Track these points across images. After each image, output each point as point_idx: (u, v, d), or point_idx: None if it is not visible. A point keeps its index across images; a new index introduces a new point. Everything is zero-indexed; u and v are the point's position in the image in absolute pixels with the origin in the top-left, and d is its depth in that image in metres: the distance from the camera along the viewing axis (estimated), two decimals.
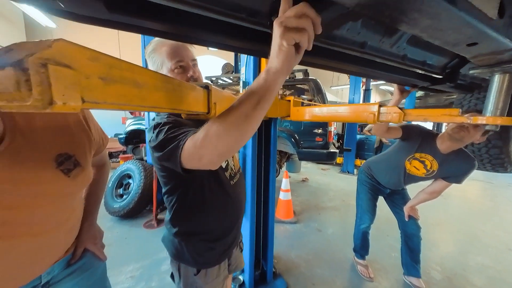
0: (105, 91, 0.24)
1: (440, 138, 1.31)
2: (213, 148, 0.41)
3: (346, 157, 5.18)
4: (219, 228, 0.75)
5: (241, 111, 0.38)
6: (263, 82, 0.37)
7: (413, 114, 0.78)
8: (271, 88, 0.37)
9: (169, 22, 0.50)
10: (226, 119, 0.39)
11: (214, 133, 0.40)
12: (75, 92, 0.20)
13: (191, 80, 0.68)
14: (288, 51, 0.34)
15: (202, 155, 0.43)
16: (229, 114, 0.39)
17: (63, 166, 0.51)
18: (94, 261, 0.68)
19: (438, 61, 0.93)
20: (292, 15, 0.32)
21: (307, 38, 0.33)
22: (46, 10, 0.44)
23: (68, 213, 0.58)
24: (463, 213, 3.06)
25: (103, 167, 0.82)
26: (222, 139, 0.39)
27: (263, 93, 0.37)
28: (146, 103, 0.31)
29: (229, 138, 0.39)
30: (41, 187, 0.48)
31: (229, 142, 0.40)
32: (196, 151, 0.44)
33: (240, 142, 0.41)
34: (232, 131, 0.39)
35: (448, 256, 2.03)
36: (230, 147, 0.41)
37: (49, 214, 0.51)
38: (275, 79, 0.37)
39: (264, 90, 0.37)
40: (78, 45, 0.21)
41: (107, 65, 0.24)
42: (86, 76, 0.22)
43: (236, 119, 0.38)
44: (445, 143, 1.27)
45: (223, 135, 0.39)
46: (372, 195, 1.66)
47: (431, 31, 0.41)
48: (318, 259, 1.91)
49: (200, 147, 0.43)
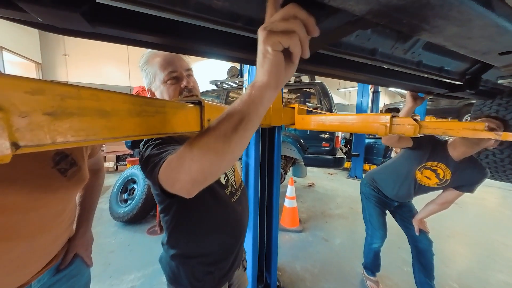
0: (54, 128, 0.19)
1: (451, 145, 1.23)
2: (186, 173, 0.34)
3: (354, 161, 5.02)
4: (218, 250, 0.69)
5: (219, 132, 0.31)
6: (246, 98, 0.31)
7: (430, 127, 0.71)
8: (256, 105, 0.31)
9: (160, 33, 0.46)
10: (201, 140, 0.32)
11: (187, 155, 0.34)
12: (2, 139, 0.16)
13: (185, 91, 0.64)
14: (274, 58, 0.28)
15: (174, 179, 0.37)
16: (205, 135, 0.32)
17: (60, 166, 0.51)
18: (82, 267, 0.68)
19: (457, 67, 0.85)
20: (278, 19, 0.27)
21: (298, 41, 0.27)
22: (23, 23, 0.41)
23: (60, 217, 0.56)
24: (481, 224, 2.86)
25: (98, 172, 0.81)
26: (196, 163, 0.33)
27: (247, 111, 0.31)
28: (118, 133, 0.26)
29: (204, 163, 0.32)
30: (36, 186, 0.46)
31: (204, 167, 0.33)
32: (169, 174, 0.38)
33: (217, 167, 0.34)
34: (207, 155, 0.32)
35: (466, 272, 1.88)
36: (206, 173, 0.34)
37: (42, 217, 0.50)
38: (261, 94, 0.30)
39: (247, 108, 0.31)
40: (12, 76, 0.17)
41: (57, 96, 0.20)
42: (21, 114, 0.17)
43: (213, 141, 0.31)
44: (458, 148, 1.19)
45: (196, 159, 0.33)
46: (381, 209, 1.55)
47: (457, 39, 0.34)
48: (324, 272, 1.81)
49: (173, 170, 0.37)
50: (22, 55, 5.70)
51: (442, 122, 0.70)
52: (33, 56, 5.98)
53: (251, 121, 0.31)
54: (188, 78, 0.65)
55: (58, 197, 0.52)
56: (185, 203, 0.63)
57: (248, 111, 0.31)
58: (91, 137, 0.23)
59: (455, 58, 0.78)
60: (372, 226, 1.58)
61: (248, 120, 0.31)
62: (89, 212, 0.76)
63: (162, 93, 0.63)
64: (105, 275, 1.71)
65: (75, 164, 0.55)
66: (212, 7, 0.44)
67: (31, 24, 0.41)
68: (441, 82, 0.94)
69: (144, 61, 0.63)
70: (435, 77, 0.86)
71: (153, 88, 0.64)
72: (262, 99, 0.31)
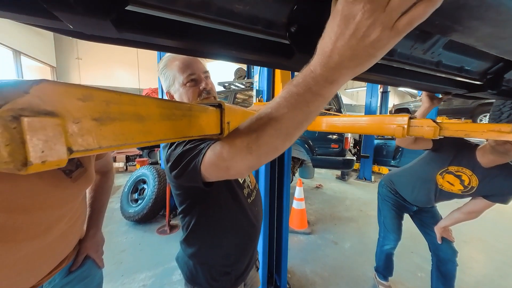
0: (100, 134, 0.20)
1: (480, 150, 1.13)
2: (243, 161, 0.35)
3: (363, 163, 4.93)
4: (236, 251, 0.71)
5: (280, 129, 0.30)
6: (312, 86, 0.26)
7: (451, 129, 0.69)
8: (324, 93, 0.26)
9: (180, 37, 0.47)
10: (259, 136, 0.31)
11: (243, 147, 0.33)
12: (59, 144, 0.16)
13: (204, 93, 0.66)
14: (388, 45, 0.21)
15: (229, 166, 0.38)
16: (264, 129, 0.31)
17: (65, 167, 0.50)
18: (93, 268, 0.68)
19: (478, 66, 0.82)
20: None
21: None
22: (53, 30, 0.42)
23: (67, 218, 0.56)
24: (499, 229, 2.75)
25: (108, 174, 0.82)
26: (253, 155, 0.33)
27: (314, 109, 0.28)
28: (151, 137, 0.27)
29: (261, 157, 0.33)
30: (41, 187, 0.46)
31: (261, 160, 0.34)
32: (221, 163, 0.39)
33: (272, 158, 0.35)
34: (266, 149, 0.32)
35: (485, 280, 1.81)
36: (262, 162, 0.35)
37: (48, 218, 0.50)
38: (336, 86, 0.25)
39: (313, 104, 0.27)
40: (65, 84, 0.18)
41: (103, 102, 0.21)
42: (75, 120, 0.18)
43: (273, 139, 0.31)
44: (487, 156, 1.10)
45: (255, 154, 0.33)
46: (397, 213, 1.49)
47: (490, 40, 0.33)
48: (335, 276, 1.79)
49: (225, 159, 0.38)
50: (38, 59, 5.94)
51: (464, 124, 0.68)
52: (48, 60, 6.24)
53: (315, 114, 0.28)
54: (206, 80, 0.67)
55: (64, 198, 0.52)
56: (206, 203, 0.65)
57: (315, 107, 0.27)
58: (129, 141, 0.24)
59: (477, 58, 0.75)
60: (385, 228, 1.54)
61: (313, 114, 0.28)
62: (99, 213, 0.75)
63: (182, 96, 0.64)
64: (117, 274, 1.75)
65: (81, 165, 0.55)
66: (233, 11, 0.45)
67: (62, 31, 0.42)
68: (460, 82, 0.91)
69: (163, 65, 0.65)
70: (454, 77, 0.83)
71: (172, 91, 0.66)
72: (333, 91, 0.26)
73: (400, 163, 4.72)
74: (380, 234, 1.59)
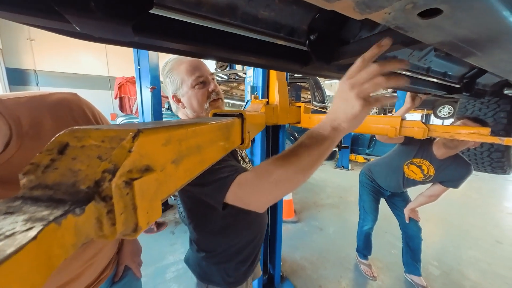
0: (176, 175, 0.19)
1: (436, 144, 1.33)
2: (263, 197, 0.40)
3: (341, 152, 5.25)
4: (247, 247, 0.73)
5: (299, 166, 0.37)
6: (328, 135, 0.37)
7: (438, 130, 0.77)
8: (332, 144, 0.38)
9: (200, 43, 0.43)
10: (282, 172, 0.38)
11: (265, 184, 0.39)
12: (157, 201, 0.15)
13: (213, 94, 0.65)
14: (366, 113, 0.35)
15: (250, 201, 0.42)
16: (285, 166, 0.38)
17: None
18: (134, 280, 0.67)
19: (458, 71, 0.92)
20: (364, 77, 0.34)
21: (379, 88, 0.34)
22: (54, 31, 0.36)
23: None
24: (452, 207, 3.21)
25: None
26: (273, 192, 0.40)
27: (326, 150, 0.37)
28: (204, 165, 0.26)
29: (279, 191, 0.40)
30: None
31: (279, 195, 0.41)
32: (243, 196, 0.42)
33: (289, 192, 0.42)
34: (286, 184, 0.39)
35: (443, 251, 2.13)
36: (280, 197, 0.41)
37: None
38: (339, 137, 0.38)
39: (327, 147, 0.37)
40: (153, 132, 0.16)
41: (177, 141, 0.19)
42: (162, 168, 0.17)
43: (293, 174, 0.38)
44: (440, 149, 1.30)
45: (274, 189, 0.39)
46: (374, 197, 1.70)
47: (498, 63, 0.37)
48: (322, 260, 1.94)
49: (247, 194, 0.41)
50: None
51: (450, 127, 0.76)
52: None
53: (325, 155, 0.38)
54: (213, 81, 0.65)
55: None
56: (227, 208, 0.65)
57: (326, 149, 0.37)
58: (193, 175, 0.23)
59: (458, 64, 0.84)
60: (364, 210, 1.73)
61: (324, 156, 0.38)
62: None
63: (191, 98, 0.62)
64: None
65: None
66: (258, 18, 0.43)
67: (62, 31, 0.36)
68: (442, 85, 1.01)
69: (169, 68, 0.62)
70: (438, 81, 0.92)
71: (179, 94, 0.62)
72: (338, 139, 0.38)
73: (374, 151, 5.18)
74: (360, 216, 1.79)
